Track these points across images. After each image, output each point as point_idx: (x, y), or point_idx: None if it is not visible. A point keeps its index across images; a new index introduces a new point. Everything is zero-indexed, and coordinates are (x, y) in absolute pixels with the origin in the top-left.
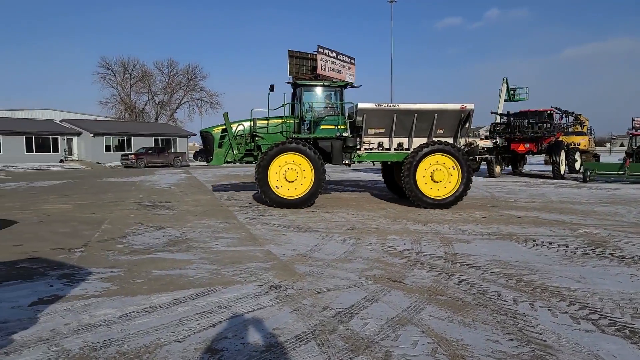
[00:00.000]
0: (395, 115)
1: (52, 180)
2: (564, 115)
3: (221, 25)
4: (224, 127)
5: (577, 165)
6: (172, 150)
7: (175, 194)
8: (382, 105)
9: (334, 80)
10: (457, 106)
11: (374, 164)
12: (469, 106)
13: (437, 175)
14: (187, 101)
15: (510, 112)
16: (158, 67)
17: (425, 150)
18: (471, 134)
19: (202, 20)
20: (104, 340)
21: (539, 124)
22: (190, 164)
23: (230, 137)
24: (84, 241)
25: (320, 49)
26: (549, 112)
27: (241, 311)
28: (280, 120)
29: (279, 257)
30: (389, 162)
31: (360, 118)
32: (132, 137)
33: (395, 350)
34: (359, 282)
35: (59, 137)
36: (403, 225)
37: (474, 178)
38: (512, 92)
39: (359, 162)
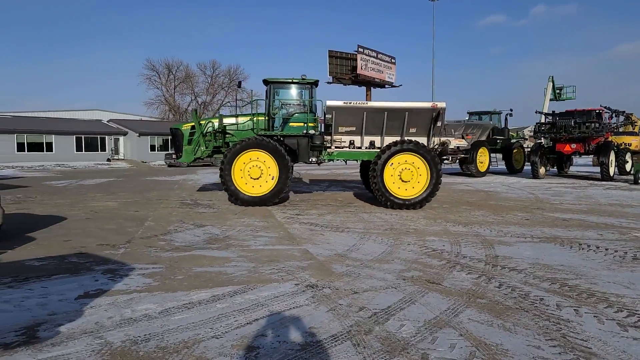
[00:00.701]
0: (365, 113)
1: (100, 179)
2: (613, 115)
3: (262, 26)
4: (193, 124)
5: (628, 167)
6: None
7: (216, 193)
8: (351, 103)
9: (304, 77)
10: (428, 104)
11: (346, 162)
12: (440, 104)
13: (405, 175)
14: (229, 102)
15: (556, 112)
16: (201, 69)
17: (393, 149)
18: (516, 134)
19: (244, 21)
20: (145, 335)
21: (587, 124)
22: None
23: (197, 134)
24: (128, 237)
25: (360, 49)
26: (597, 111)
27: (278, 309)
28: (256, 118)
29: (316, 256)
30: (358, 161)
31: (330, 116)
32: None
33: (432, 353)
34: (396, 283)
35: (106, 136)
36: (442, 226)
37: (517, 179)
38: (558, 91)
39: (329, 160)
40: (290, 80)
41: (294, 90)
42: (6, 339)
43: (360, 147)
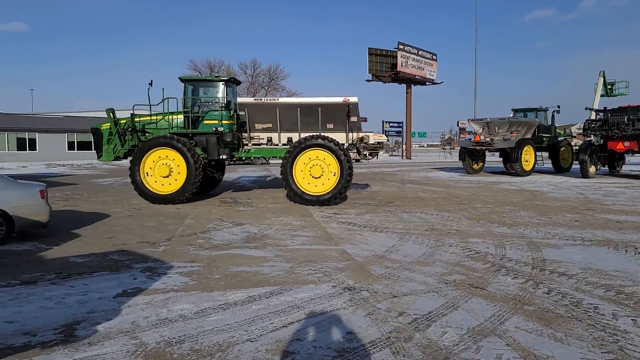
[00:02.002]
0: (277, 109)
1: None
2: None
3: (302, 24)
4: (115, 123)
5: None
6: None
7: (255, 191)
8: (261, 100)
9: (217, 75)
10: (340, 99)
11: (267, 160)
12: (352, 99)
13: (315, 171)
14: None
15: (608, 108)
16: (242, 68)
17: (302, 145)
18: (563, 131)
19: (284, 20)
20: (179, 336)
21: None
22: (271, 161)
23: (113, 133)
24: (168, 235)
25: (400, 46)
26: None
27: (314, 312)
28: (169, 116)
29: (354, 257)
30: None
31: (243, 113)
32: None
33: None
34: (438, 287)
35: None
36: (486, 227)
37: (565, 179)
38: (609, 87)
39: (246, 157)
40: (204, 78)
41: (208, 88)
42: (45, 337)
43: (277, 144)
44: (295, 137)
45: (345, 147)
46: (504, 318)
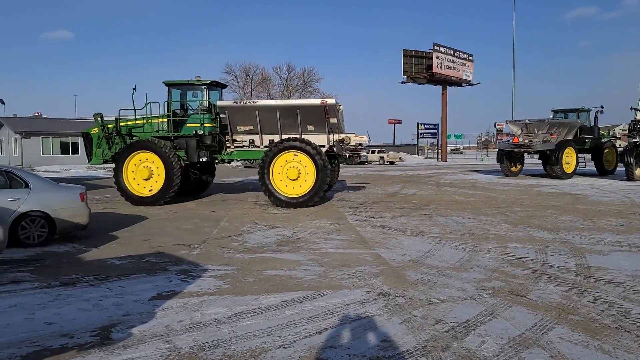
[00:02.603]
0: (257, 112)
1: None
2: None
3: (337, 26)
4: (102, 127)
5: None
6: None
7: None
8: (240, 102)
9: (199, 79)
10: (318, 101)
11: (251, 162)
12: (330, 101)
13: (290, 173)
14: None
15: None
16: (276, 72)
17: (278, 147)
18: (607, 133)
19: (318, 23)
20: (212, 341)
21: None
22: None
23: (101, 137)
24: (203, 238)
25: (436, 47)
26: None
27: (348, 318)
28: (156, 120)
29: (389, 262)
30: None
31: (224, 116)
32: None
33: None
34: (476, 294)
35: None
36: (526, 232)
37: (609, 181)
38: None
39: (229, 160)
40: (187, 82)
41: (191, 92)
42: (82, 339)
43: (259, 147)
44: (276, 139)
45: (326, 148)
46: (547, 328)
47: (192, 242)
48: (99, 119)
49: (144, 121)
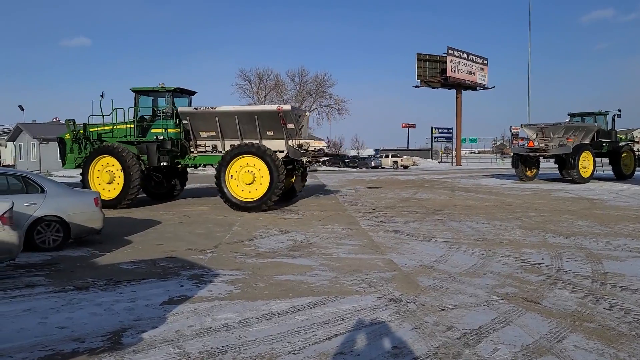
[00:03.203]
0: (217, 118)
1: (194, 184)
2: None
3: (350, 31)
4: (74, 133)
5: None
6: None
7: (301, 199)
8: (200, 109)
9: (162, 85)
10: (273, 107)
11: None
12: (285, 107)
13: (245, 177)
14: (316, 108)
15: None
16: (290, 76)
17: (233, 152)
18: (625, 136)
19: (331, 28)
20: (222, 346)
21: None
22: (318, 168)
23: (70, 143)
24: (215, 242)
25: (450, 51)
26: None
27: (358, 324)
28: (124, 125)
29: (401, 267)
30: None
31: (186, 122)
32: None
33: None
34: (489, 301)
35: None
36: (541, 237)
37: (627, 186)
38: None
39: (192, 164)
40: (151, 89)
41: (156, 98)
42: (93, 343)
43: (222, 152)
44: (237, 144)
45: (284, 154)
46: (562, 335)
47: (205, 247)
48: (70, 124)
49: (111, 127)
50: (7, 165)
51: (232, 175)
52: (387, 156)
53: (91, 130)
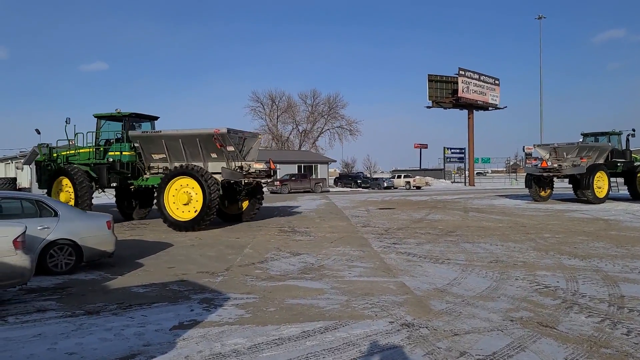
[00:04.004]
0: (163, 141)
1: None
2: None
3: (361, 51)
4: (44, 156)
5: None
6: (314, 176)
7: (313, 220)
8: (147, 132)
9: (119, 111)
10: (211, 130)
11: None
12: (222, 130)
13: (182, 198)
14: (328, 129)
15: None
16: (302, 98)
17: (171, 173)
18: (637, 156)
19: (343, 48)
20: None
21: None
22: (330, 189)
23: (43, 165)
24: (226, 265)
25: (461, 71)
26: None
27: (370, 350)
28: (88, 149)
29: (413, 290)
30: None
31: (137, 145)
32: (278, 165)
33: None
34: (503, 325)
35: None
36: (556, 259)
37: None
38: None
39: (144, 185)
40: (109, 115)
41: (114, 123)
42: None
43: None
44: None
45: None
46: None
47: (216, 270)
48: (42, 148)
49: (74, 151)
50: (23, 189)
51: (173, 195)
52: (399, 176)
53: (62, 153)
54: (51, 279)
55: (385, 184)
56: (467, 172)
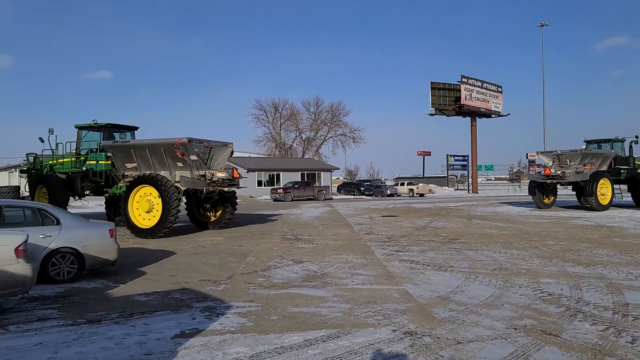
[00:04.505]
0: (132, 150)
1: None
2: None
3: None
4: (30, 165)
5: None
6: (317, 184)
7: (316, 227)
8: (117, 142)
9: (95, 122)
10: (173, 140)
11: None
12: (183, 139)
13: (144, 206)
14: (331, 137)
15: None
16: (305, 106)
17: (135, 181)
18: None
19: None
20: None
21: None
22: (334, 197)
23: (29, 174)
24: (229, 273)
25: (463, 79)
26: None
27: (372, 359)
28: (70, 159)
29: (416, 298)
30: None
31: (110, 154)
32: (281, 172)
33: None
34: (507, 333)
35: None
36: (560, 266)
37: None
38: None
39: (118, 193)
40: (88, 125)
41: (94, 133)
42: None
43: None
44: None
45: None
46: None
47: (218, 278)
48: (30, 158)
49: (55, 160)
50: (26, 197)
51: (137, 202)
52: (402, 184)
53: (47, 162)
54: (53, 288)
55: (389, 192)
56: (470, 180)
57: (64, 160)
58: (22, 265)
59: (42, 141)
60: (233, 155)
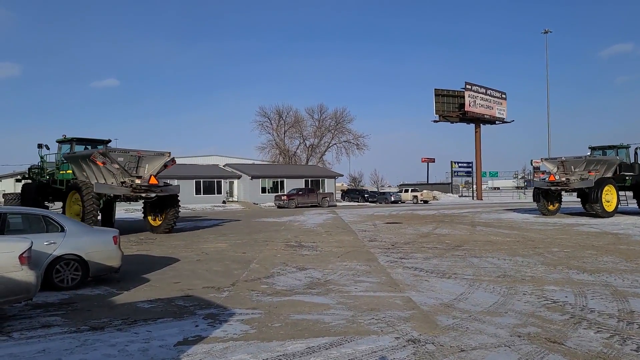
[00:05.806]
0: (79, 160)
1: (214, 220)
2: None
3: (368, 66)
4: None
5: None
6: (321, 190)
7: (320, 234)
8: (66, 154)
9: (65, 137)
10: (93, 151)
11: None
12: (100, 150)
13: (74, 209)
14: (335, 143)
15: None
16: (309, 113)
17: (68, 187)
18: None
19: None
20: None
21: None
22: (338, 204)
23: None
24: (232, 280)
25: (468, 86)
26: None
27: None
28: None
29: (420, 305)
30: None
31: (72, 165)
32: (285, 179)
33: None
34: (510, 341)
35: (222, 180)
36: (564, 274)
37: None
38: None
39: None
40: (60, 140)
41: (65, 146)
42: None
43: None
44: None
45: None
46: None
47: (222, 285)
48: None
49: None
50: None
51: (71, 206)
52: (406, 191)
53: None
54: (57, 294)
55: (393, 198)
56: (474, 186)
57: (47, 171)
58: (26, 272)
59: (48, 148)
60: (175, 164)
